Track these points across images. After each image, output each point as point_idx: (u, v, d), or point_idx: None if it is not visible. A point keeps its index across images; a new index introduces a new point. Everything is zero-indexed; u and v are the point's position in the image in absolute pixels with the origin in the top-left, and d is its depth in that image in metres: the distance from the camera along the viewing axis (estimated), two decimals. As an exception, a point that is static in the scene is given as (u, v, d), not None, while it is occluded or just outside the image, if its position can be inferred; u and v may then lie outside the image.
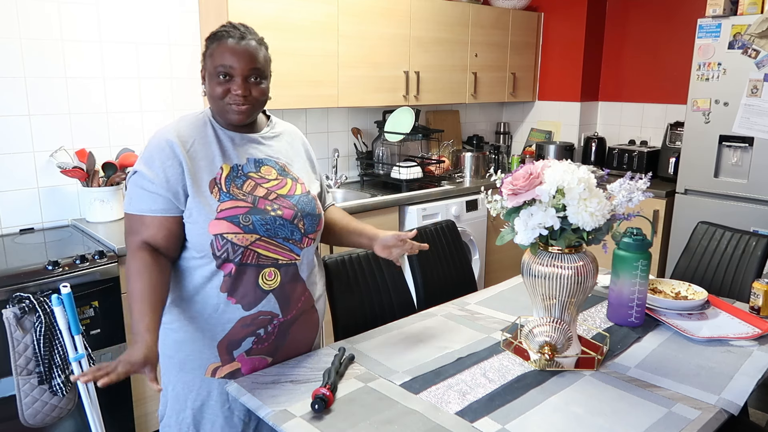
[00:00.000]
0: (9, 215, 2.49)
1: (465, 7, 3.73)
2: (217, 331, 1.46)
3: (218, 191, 1.41)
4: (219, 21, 2.71)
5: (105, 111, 2.69)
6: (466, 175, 3.84)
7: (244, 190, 1.44)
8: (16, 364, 1.92)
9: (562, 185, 1.47)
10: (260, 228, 1.42)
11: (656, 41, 3.98)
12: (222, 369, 1.48)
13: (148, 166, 1.39)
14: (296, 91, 2.98)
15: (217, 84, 1.42)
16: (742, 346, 1.69)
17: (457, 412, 1.33)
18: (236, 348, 1.48)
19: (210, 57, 1.43)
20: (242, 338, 1.47)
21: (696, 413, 1.34)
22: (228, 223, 1.39)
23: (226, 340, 1.46)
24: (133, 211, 1.40)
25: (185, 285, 1.46)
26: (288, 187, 1.51)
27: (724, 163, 3.27)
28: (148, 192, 1.39)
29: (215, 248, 1.40)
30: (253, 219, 1.42)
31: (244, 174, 1.46)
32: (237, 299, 1.44)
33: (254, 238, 1.42)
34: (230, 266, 1.42)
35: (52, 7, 2.48)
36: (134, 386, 2.33)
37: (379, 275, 2.13)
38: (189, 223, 1.42)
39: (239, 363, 1.49)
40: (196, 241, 1.42)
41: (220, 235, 1.39)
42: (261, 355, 1.51)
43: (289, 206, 1.48)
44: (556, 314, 1.58)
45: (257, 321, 1.47)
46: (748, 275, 2.30)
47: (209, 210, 1.39)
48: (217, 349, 1.47)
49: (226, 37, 1.42)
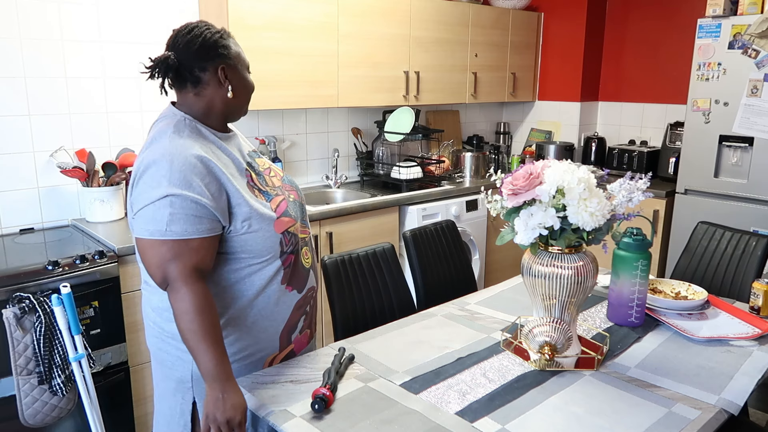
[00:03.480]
0: (9, 215, 2.49)
1: (465, 7, 3.73)
2: (278, 322, 1.49)
3: (258, 192, 1.45)
4: (219, 21, 2.72)
5: (105, 111, 2.69)
6: (466, 175, 3.84)
7: (270, 184, 1.50)
8: (16, 364, 1.92)
9: (562, 185, 1.47)
10: (294, 213, 1.51)
11: (656, 41, 3.98)
12: (279, 356, 1.53)
13: (186, 186, 1.28)
14: (296, 91, 2.98)
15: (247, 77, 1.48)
16: (742, 346, 1.69)
17: (457, 412, 1.33)
18: (293, 331, 1.54)
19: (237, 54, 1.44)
20: (298, 320, 1.55)
21: (696, 413, 1.34)
22: (286, 218, 1.46)
23: (287, 328, 1.52)
24: (175, 237, 1.27)
25: (243, 295, 1.42)
26: (279, 172, 1.60)
27: (724, 163, 3.27)
28: (192, 215, 1.28)
29: (284, 245, 1.45)
30: (291, 207, 1.50)
31: (255, 171, 1.51)
32: (293, 286, 1.50)
33: (299, 224, 1.51)
34: (291, 257, 1.48)
35: (52, 7, 2.48)
36: (134, 386, 2.33)
37: (379, 275, 2.13)
38: (250, 233, 1.37)
39: (294, 344, 1.56)
40: (262, 247, 1.39)
41: (286, 230, 1.45)
42: (307, 330, 1.60)
43: (291, 188, 1.57)
44: (556, 314, 1.58)
45: (307, 298, 1.56)
46: (748, 275, 2.30)
47: (268, 212, 1.42)
48: (279, 339, 1.51)
49: (229, 36, 1.45)
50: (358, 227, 3.03)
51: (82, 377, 1.91)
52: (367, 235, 3.06)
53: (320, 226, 2.86)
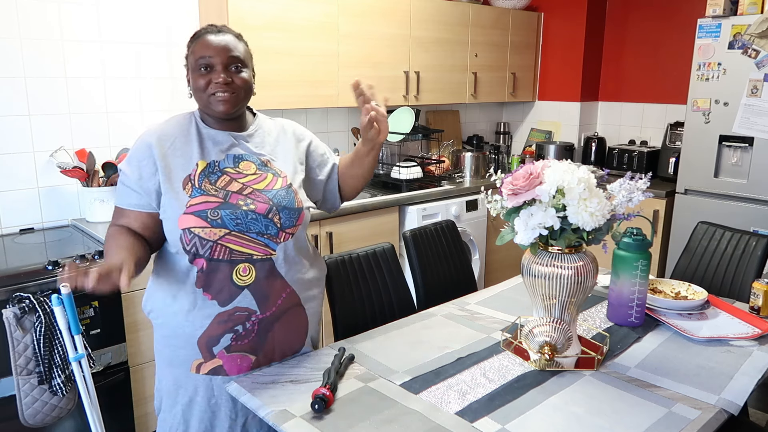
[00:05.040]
0: (9, 215, 2.49)
1: (465, 7, 3.73)
2: (196, 327, 1.47)
3: (191, 187, 1.44)
4: (219, 21, 2.72)
5: (105, 111, 2.69)
6: (466, 175, 3.84)
7: (217, 185, 1.45)
8: (16, 364, 1.92)
9: (562, 185, 1.47)
10: (230, 222, 1.43)
11: (656, 41, 3.98)
12: (205, 365, 1.50)
13: (127, 163, 1.48)
14: (296, 91, 2.98)
15: (199, 77, 1.45)
16: (742, 346, 1.69)
17: (457, 412, 1.33)
18: (215, 344, 1.48)
19: (191, 54, 1.48)
20: (220, 334, 1.47)
21: (696, 413, 1.34)
22: (195, 217, 1.41)
23: (205, 336, 1.47)
24: (116, 204, 1.51)
25: (167, 280, 1.50)
26: (267, 181, 1.51)
27: (724, 163, 3.27)
28: (126, 187, 1.47)
29: (184, 242, 1.43)
30: (222, 213, 1.42)
31: (220, 170, 1.47)
32: (212, 295, 1.46)
33: (223, 233, 1.42)
34: (201, 261, 1.44)
35: (52, 7, 2.48)
36: (134, 386, 2.33)
37: (379, 275, 2.13)
38: (163, 219, 1.46)
39: (220, 360, 1.49)
40: (170, 237, 1.46)
41: (188, 229, 1.42)
42: (242, 352, 1.50)
43: (263, 200, 1.47)
44: (556, 314, 1.58)
45: (234, 317, 1.47)
46: (748, 275, 2.30)
47: (179, 205, 1.42)
48: (197, 345, 1.48)
49: (203, 33, 1.47)
50: (358, 227, 3.03)
51: (82, 377, 1.91)
52: (367, 235, 3.06)
53: (320, 226, 2.86)
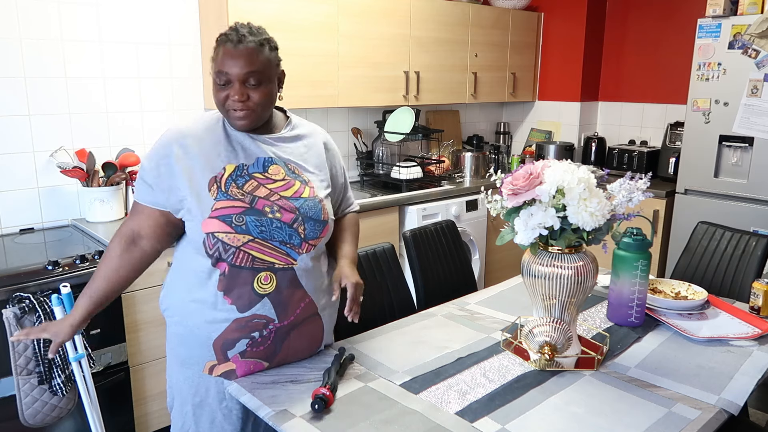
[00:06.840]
0: (9, 215, 2.49)
1: (465, 7, 3.73)
2: (212, 329, 1.46)
3: (217, 190, 1.41)
4: (219, 21, 2.73)
5: (105, 111, 2.69)
6: (466, 175, 3.84)
7: (243, 189, 1.43)
8: (16, 364, 1.92)
9: (562, 185, 1.47)
10: (254, 229, 1.41)
11: (656, 41, 3.98)
12: (218, 368, 1.49)
13: (148, 159, 1.47)
14: (296, 91, 2.98)
15: (217, 90, 1.43)
16: (742, 346, 1.69)
17: (457, 412, 1.33)
18: (230, 348, 1.47)
19: (212, 61, 1.44)
20: (236, 339, 1.46)
21: (696, 413, 1.34)
22: (220, 222, 1.39)
23: (221, 339, 1.46)
24: (134, 198, 1.51)
25: (187, 280, 1.48)
26: (295, 188, 1.47)
27: (724, 163, 3.27)
28: (144, 183, 1.47)
29: (207, 246, 1.41)
30: (246, 219, 1.40)
31: (248, 174, 1.44)
32: (233, 300, 1.44)
33: (246, 239, 1.40)
34: (224, 265, 1.42)
35: (52, 7, 2.47)
36: (134, 386, 2.33)
37: (379, 275, 2.13)
38: (187, 221, 1.44)
39: (234, 364, 1.48)
40: (193, 238, 1.44)
41: (212, 233, 1.40)
42: (256, 358, 1.50)
43: (290, 209, 1.44)
44: (556, 314, 1.58)
45: (251, 324, 1.46)
46: (748, 275, 2.30)
47: (204, 208, 1.40)
48: (212, 348, 1.47)
49: (224, 42, 1.41)
50: (358, 227, 3.03)
51: (82, 377, 1.91)
52: (367, 235, 3.06)
53: (320, 226, 2.86)
